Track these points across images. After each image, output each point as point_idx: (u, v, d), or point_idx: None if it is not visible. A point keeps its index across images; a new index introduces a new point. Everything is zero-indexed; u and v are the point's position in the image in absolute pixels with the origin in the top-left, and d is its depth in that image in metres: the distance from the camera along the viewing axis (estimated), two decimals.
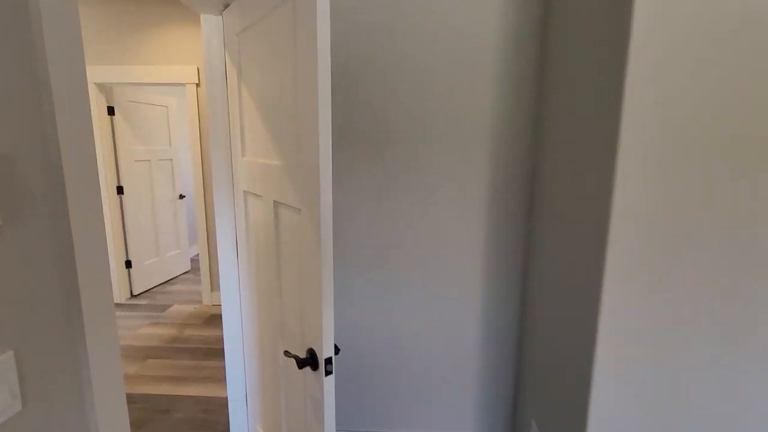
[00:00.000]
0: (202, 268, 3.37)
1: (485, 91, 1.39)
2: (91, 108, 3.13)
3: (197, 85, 3.11)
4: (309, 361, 1.01)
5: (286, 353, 1.06)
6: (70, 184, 0.68)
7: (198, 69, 3.08)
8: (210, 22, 1.37)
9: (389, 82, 1.41)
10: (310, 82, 0.88)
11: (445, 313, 1.56)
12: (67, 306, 0.66)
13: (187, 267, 4.25)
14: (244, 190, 1.35)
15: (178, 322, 3.08)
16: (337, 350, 1.03)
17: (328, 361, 0.97)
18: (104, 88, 3.19)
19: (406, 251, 1.51)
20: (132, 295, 3.58)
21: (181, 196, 4.09)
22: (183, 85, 3.14)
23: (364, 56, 1.41)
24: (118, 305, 3.38)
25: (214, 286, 3.40)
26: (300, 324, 1.10)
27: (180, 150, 4.08)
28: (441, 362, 1.61)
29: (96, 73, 3.09)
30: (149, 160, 3.68)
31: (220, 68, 1.40)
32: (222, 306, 1.56)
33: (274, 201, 1.14)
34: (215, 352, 2.63)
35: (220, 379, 2.32)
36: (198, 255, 4.78)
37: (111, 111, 3.27)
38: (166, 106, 3.87)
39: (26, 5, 0.60)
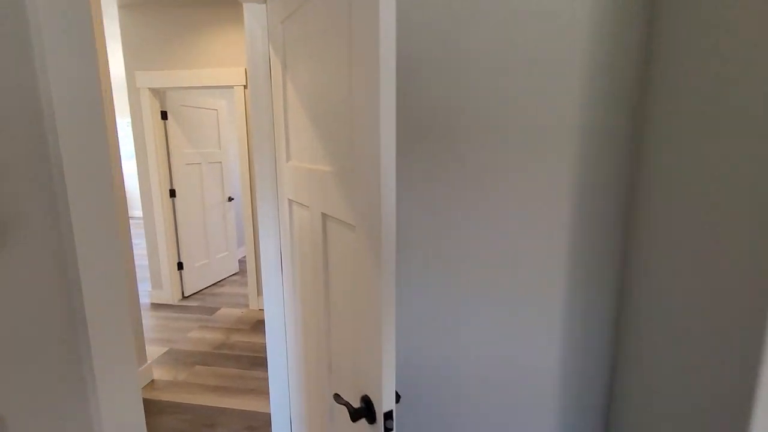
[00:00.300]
0: (248, 272, 3.35)
1: (572, 86, 1.13)
2: (146, 113, 3.19)
3: (245, 87, 3.06)
4: (364, 412, 0.83)
5: (337, 398, 0.89)
6: (75, 207, 0.54)
7: (245, 71, 3.03)
8: (253, 11, 1.23)
9: (455, 76, 1.19)
10: (370, 73, 0.70)
11: (517, 342, 1.32)
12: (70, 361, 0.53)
13: (236, 269, 4.28)
14: (289, 199, 1.21)
15: (226, 326, 3.06)
16: (397, 397, 0.84)
17: (388, 415, 0.78)
18: (158, 93, 3.25)
19: (473, 267, 1.29)
20: (184, 297, 3.64)
21: (230, 199, 4.12)
22: (231, 87, 3.11)
23: (425, 45, 1.21)
24: (170, 306, 3.44)
25: (261, 290, 3.36)
26: (352, 360, 0.92)
27: (229, 153, 4.12)
28: (511, 403, 1.37)
29: (149, 79, 3.14)
30: (200, 163, 3.72)
31: (264, 63, 1.26)
32: (266, 322, 1.43)
33: (323, 213, 0.97)
34: (261, 361, 2.55)
35: (265, 391, 2.23)
36: (246, 257, 4.83)
37: (164, 116, 3.32)
38: (216, 110, 3.91)
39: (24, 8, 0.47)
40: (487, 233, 1.26)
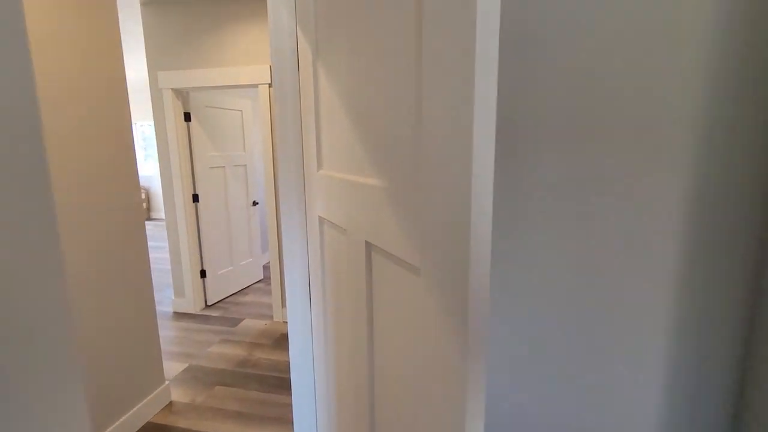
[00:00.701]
0: (272, 281, 3.16)
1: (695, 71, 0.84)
2: (168, 114, 3.06)
3: (269, 85, 2.87)
4: None
5: None
6: None
7: (270, 68, 2.84)
8: None
9: (582, 54, 0.92)
10: (455, 53, 0.44)
11: (603, 380, 1.03)
12: None
13: (260, 276, 4.12)
14: (319, 216, 0.97)
15: (248, 340, 2.87)
16: None
17: None
18: (180, 94, 3.11)
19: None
20: (206, 306, 3.49)
21: (255, 203, 3.96)
22: (256, 86, 2.93)
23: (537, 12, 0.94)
24: (192, 316, 3.30)
25: (285, 301, 3.16)
26: None
27: (254, 156, 3.96)
28: None
29: (172, 79, 3.00)
30: (224, 167, 3.57)
31: (290, 49, 1.03)
32: (291, 358, 1.20)
33: (367, 243, 0.72)
34: (285, 383, 2.34)
35: (289, 421, 2.01)
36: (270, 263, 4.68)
37: (187, 117, 3.18)
38: (241, 111, 3.75)
39: None
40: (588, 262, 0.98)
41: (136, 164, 1.92)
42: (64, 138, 1.58)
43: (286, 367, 2.51)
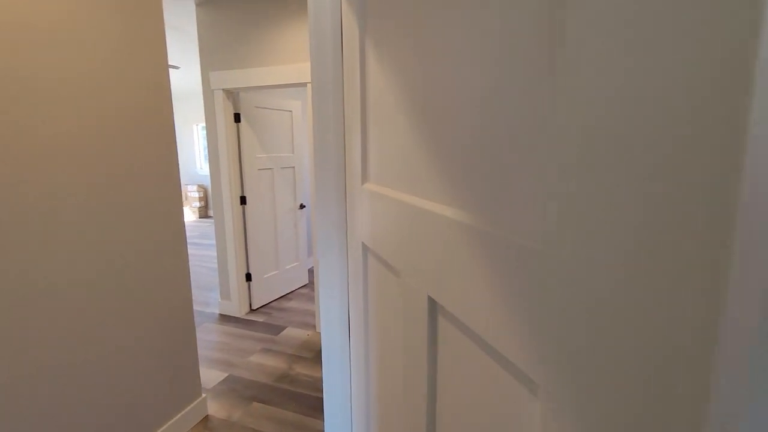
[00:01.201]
0: (317, 292, 3.01)
1: None
2: (219, 115, 3.02)
3: None
4: None
5: None
6: None
7: None
8: None
9: None
10: None
11: None
12: None
13: (305, 280, 4.02)
14: (363, 243, 0.74)
15: (290, 352, 2.74)
16: None
17: None
18: (231, 95, 3.06)
19: None
20: (251, 310, 3.43)
21: (302, 206, 3.86)
22: (304, 84, 2.79)
23: None
24: (236, 320, 3.25)
25: None
26: None
27: (302, 157, 3.86)
28: None
29: (223, 79, 2.95)
30: (272, 169, 3.49)
31: (332, 28, 0.81)
32: (325, 411, 0.99)
33: (431, 299, 0.48)
34: (322, 406, 2.15)
35: None
36: (315, 268, 4.57)
37: (237, 118, 3.12)
38: (291, 111, 3.67)
39: None
40: None
41: (177, 165, 1.83)
42: (108, 137, 1.50)
43: None
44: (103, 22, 1.48)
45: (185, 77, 6.47)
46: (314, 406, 2.16)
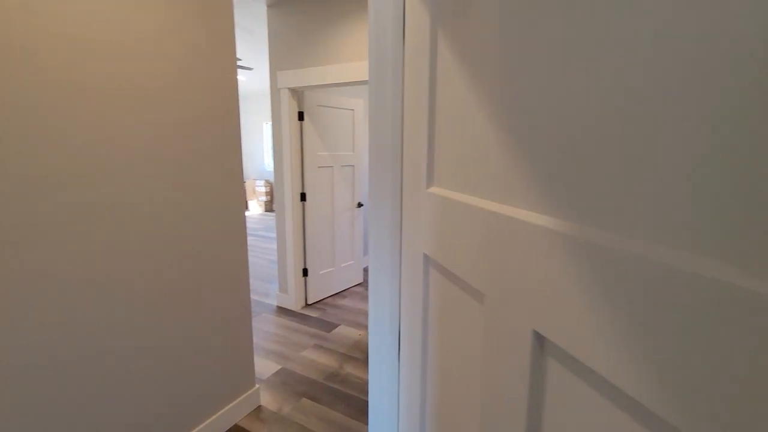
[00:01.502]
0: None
1: None
2: (284, 114, 3.10)
3: None
4: None
5: None
6: None
7: None
8: None
9: None
10: None
11: None
12: None
13: (360, 279, 4.02)
14: (425, 254, 0.65)
15: (341, 351, 2.74)
16: None
17: None
18: (296, 93, 3.13)
19: None
20: (306, 304, 3.50)
21: (360, 205, 3.86)
22: (366, 83, 2.76)
23: None
24: (292, 313, 3.33)
25: None
26: None
27: (363, 156, 3.86)
28: None
29: (289, 78, 3.03)
30: (332, 167, 3.53)
31: (394, 21, 0.73)
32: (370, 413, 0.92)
33: (537, 334, 0.38)
34: None
35: None
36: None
37: (301, 116, 3.19)
38: (353, 109, 3.67)
39: None
40: None
41: (241, 163, 1.88)
42: (183, 137, 1.57)
43: None
44: (185, 33, 1.55)
45: (257, 78, 6.83)
46: (362, 409, 2.12)
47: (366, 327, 3.10)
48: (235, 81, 1.81)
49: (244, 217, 1.93)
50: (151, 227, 1.51)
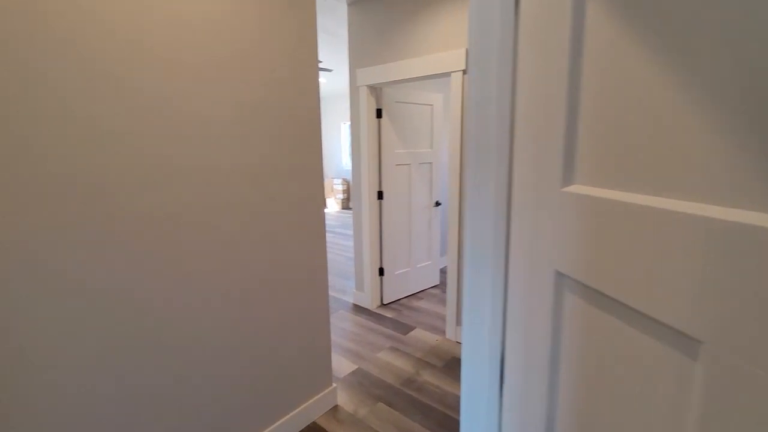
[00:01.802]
0: (448, 294, 2.82)
1: None
2: (363, 112, 3.08)
3: (464, 72, 2.50)
4: None
5: None
6: None
7: (467, 51, 2.46)
8: None
9: None
10: None
11: None
12: None
13: (436, 281, 3.88)
14: (557, 271, 0.51)
15: (418, 355, 2.63)
16: None
17: None
18: (374, 90, 3.08)
19: None
20: (382, 304, 3.46)
21: (437, 204, 3.71)
22: (448, 74, 2.61)
23: None
24: (368, 312, 3.31)
25: (460, 319, 2.78)
26: None
27: (441, 153, 3.70)
28: None
29: (367, 75, 2.99)
30: (409, 164, 3.43)
31: None
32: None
33: None
34: (449, 424, 1.96)
35: None
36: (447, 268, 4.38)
37: (379, 113, 3.14)
38: (432, 105, 3.54)
39: None
40: None
41: (321, 161, 1.86)
42: (263, 134, 1.59)
43: (453, 403, 2.13)
44: (278, 43, 1.56)
45: (336, 79, 7.02)
46: (441, 422, 1.99)
47: (443, 332, 2.95)
48: (317, 82, 1.80)
49: (324, 214, 1.91)
50: (237, 225, 1.55)
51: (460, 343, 2.79)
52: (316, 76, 1.79)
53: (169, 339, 1.39)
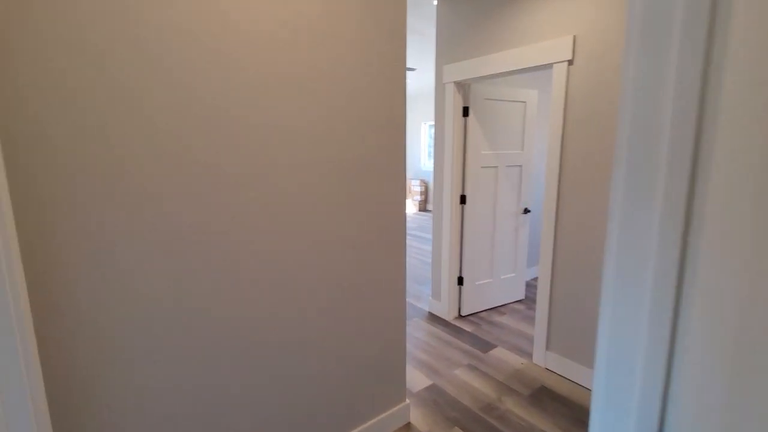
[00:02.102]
0: (538, 311, 2.51)
1: None
2: (448, 110, 2.90)
3: (569, 62, 2.18)
4: None
5: None
6: None
7: (574, 38, 2.15)
8: None
9: None
10: None
11: None
12: None
13: (521, 295, 3.53)
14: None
15: (499, 378, 2.37)
16: None
17: None
18: (461, 87, 2.88)
19: None
20: (459, 315, 3.24)
21: (526, 211, 3.38)
22: (550, 66, 2.31)
23: None
24: (445, 323, 3.12)
25: (552, 344, 2.45)
26: None
27: (533, 155, 3.35)
28: None
29: (454, 71, 2.80)
30: (496, 167, 3.16)
31: None
32: None
33: None
34: None
35: None
36: (536, 279, 3.99)
37: (465, 112, 2.93)
38: (525, 102, 3.22)
39: None
40: None
41: (405, 163, 1.74)
42: (343, 135, 1.51)
43: None
44: (370, 43, 1.47)
45: (418, 78, 6.90)
46: None
47: (529, 355, 2.64)
48: (404, 81, 1.68)
49: (404, 216, 1.78)
50: (327, 227, 1.49)
51: (549, 370, 2.46)
52: (404, 75, 1.67)
53: (247, 339, 1.37)
